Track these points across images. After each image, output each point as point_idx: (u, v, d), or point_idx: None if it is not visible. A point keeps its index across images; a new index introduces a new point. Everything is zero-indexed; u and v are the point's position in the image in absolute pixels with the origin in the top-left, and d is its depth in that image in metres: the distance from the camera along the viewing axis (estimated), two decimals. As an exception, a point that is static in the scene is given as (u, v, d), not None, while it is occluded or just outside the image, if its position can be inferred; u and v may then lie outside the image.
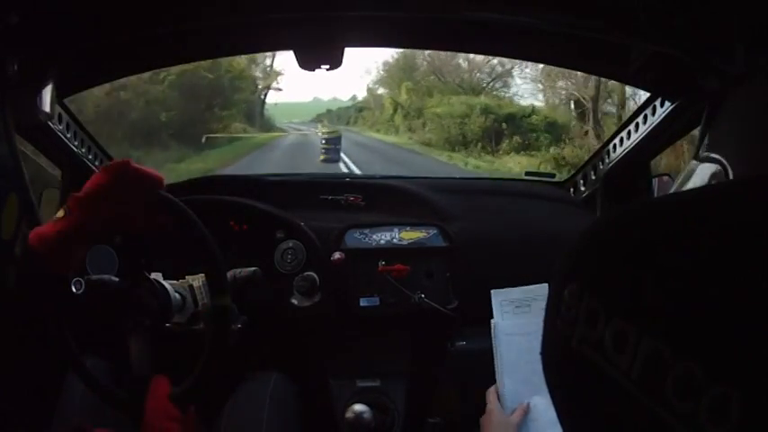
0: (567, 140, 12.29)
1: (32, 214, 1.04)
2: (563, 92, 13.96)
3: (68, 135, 1.20)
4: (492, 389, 0.86)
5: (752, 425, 0.16)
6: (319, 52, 1.06)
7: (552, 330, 0.25)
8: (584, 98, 12.44)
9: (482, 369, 1.35)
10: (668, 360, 0.19)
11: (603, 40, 0.92)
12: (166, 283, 0.92)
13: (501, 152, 13.58)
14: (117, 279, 0.93)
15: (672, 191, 0.97)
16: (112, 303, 0.89)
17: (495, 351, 0.87)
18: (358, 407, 1.17)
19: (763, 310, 0.17)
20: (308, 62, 1.08)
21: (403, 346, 1.29)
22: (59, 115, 1.15)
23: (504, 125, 14.10)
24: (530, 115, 14.18)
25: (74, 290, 1.08)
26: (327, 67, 1.09)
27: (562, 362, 0.25)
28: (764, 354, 0.16)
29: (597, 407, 0.22)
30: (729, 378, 0.17)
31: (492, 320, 0.89)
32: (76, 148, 1.24)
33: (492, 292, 0.90)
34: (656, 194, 1.28)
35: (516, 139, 13.55)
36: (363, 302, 1.23)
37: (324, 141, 12.71)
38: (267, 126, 20.06)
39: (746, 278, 0.18)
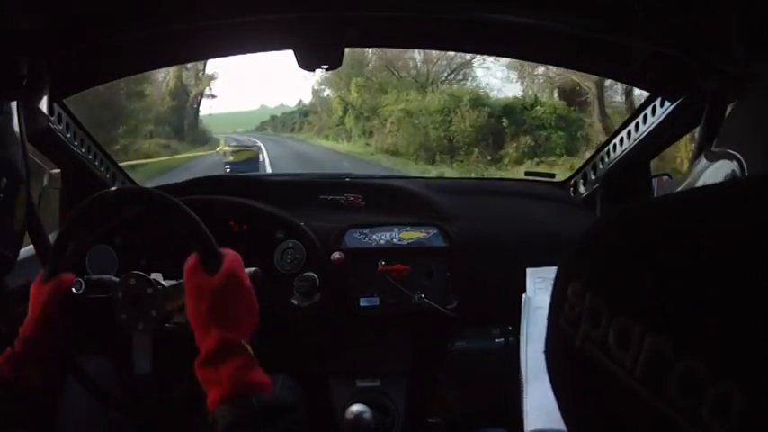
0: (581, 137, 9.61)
1: (32, 214, 1.04)
2: (555, 78, 11.09)
3: (68, 135, 1.20)
4: None
5: (753, 421, 0.16)
6: (319, 52, 1.06)
7: (556, 329, 0.25)
8: (585, 85, 10.31)
9: (482, 369, 1.35)
10: (671, 357, 0.19)
11: (603, 40, 0.92)
12: (166, 283, 0.92)
13: (508, 161, 9.94)
14: (117, 279, 0.93)
15: (680, 189, 0.97)
16: (112, 303, 0.89)
17: (522, 324, 0.88)
18: (357, 407, 1.17)
19: (762, 308, 0.17)
20: (307, 62, 1.08)
21: (403, 346, 1.29)
22: (59, 115, 1.15)
23: (503, 121, 10.35)
24: (533, 106, 10.57)
25: (74, 290, 1.08)
26: (327, 67, 1.09)
27: (566, 360, 0.25)
28: (764, 351, 0.16)
29: (601, 405, 0.23)
30: (730, 375, 0.17)
31: (524, 295, 0.90)
32: (76, 148, 1.24)
33: (528, 270, 0.91)
34: (656, 194, 1.28)
35: (525, 140, 9.99)
36: (363, 302, 1.23)
37: (228, 169, 8.24)
38: (201, 139, 17.37)
39: (746, 277, 0.18)
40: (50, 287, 0.83)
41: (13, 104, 0.70)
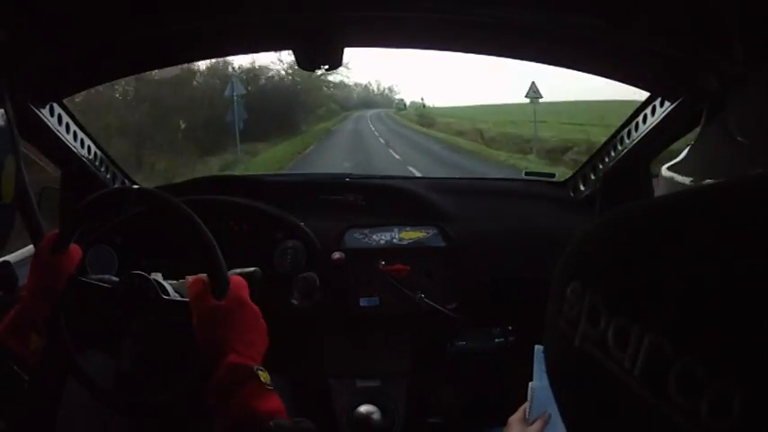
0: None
1: (32, 213, 1.04)
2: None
3: (68, 135, 1.20)
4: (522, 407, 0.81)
5: (752, 420, 0.16)
6: (319, 52, 1.06)
7: (555, 329, 0.25)
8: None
9: (482, 369, 1.35)
10: (670, 357, 0.19)
11: (603, 40, 0.92)
12: (166, 283, 0.92)
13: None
14: (117, 279, 0.93)
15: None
16: (111, 303, 0.89)
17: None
18: (366, 408, 1.16)
19: (761, 307, 0.17)
20: (307, 62, 1.08)
21: (403, 346, 1.29)
22: (59, 115, 1.15)
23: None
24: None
25: None
26: (327, 67, 1.09)
27: (565, 360, 0.25)
28: (764, 351, 0.16)
29: (601, 404, 0.23)
30: (730, 375, 0.17)
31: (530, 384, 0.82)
32: (76, 148, 1.24)
33: (536, 347, 0.81)
34: (656, 194, 1.28)
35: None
36: (363, 302, 1.23)
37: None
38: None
39: (745, 276, 0.18)
40: (60, 258, 0.77)
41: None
